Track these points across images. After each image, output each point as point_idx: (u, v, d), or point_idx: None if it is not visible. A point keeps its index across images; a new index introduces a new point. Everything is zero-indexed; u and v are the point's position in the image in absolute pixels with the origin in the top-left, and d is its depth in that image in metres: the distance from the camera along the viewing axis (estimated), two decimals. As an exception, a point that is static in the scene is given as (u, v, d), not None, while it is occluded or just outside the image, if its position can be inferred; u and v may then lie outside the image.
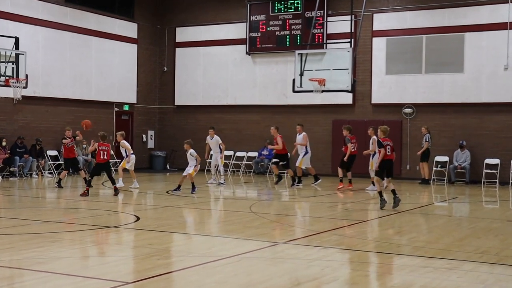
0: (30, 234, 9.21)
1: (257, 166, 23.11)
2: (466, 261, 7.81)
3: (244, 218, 11.56)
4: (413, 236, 9.91)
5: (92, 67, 22.72)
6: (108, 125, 23.50)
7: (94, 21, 22.80)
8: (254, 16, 23.39)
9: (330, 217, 12.38)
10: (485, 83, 20.15)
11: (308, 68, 16.95)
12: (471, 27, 20.30)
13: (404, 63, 21.23)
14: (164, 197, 15.10)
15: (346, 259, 8.14)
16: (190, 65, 24.96)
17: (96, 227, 10.08)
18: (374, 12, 21.59)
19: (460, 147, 20.06)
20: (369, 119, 21.78)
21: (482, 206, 15.03)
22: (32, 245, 8.38)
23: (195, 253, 8.21)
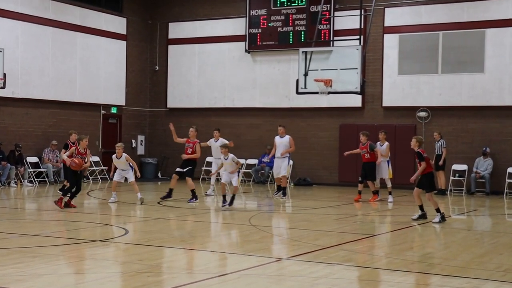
0: (8, 249, 9.22)
1: (257, 174, 23.13)
2: (487, 280, 7.81)
3: (243, 232, 11.56)
4: (428, 252, 9.91)
5: (76, 65, 22.76)
6: (94, 129, 23.53)
7: (79, 15, 22.86)
8: (254, 11, 23.46)
9: (337, 230, 12.39)
10: (508, 84, 20.19)
11: (313, 67, 16.98)
12: (493, 22, 20.36)
13: (418, 62, 21.28)
14: (155, 209, 15.11)
15: (354, 277, 8.15)
16: (184, 64, 25.00)
17: (81, 241, 10.09)
18: (386, 7, 21.66)
19: (483, 154, 20.08)
20: (379, 123, 21.81)
21: (505, 220, 15.03)
22: (10, 260, 8.38)
23: (190, 269, 8.21)
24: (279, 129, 17.90)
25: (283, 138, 17.61)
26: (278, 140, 17.65)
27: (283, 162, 17.44)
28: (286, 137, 17.64)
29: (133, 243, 10.09)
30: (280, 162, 17.46)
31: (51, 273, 7.81)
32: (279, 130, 17.86)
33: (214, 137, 18.06)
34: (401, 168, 21.32)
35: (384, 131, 17.58)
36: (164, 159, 25.21)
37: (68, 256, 8.88)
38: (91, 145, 23.17)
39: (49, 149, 21.40)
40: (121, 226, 11.74)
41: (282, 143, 17.54)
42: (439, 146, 19.85)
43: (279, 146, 17.52)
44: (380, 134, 17.41)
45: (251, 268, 8.24)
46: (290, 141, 17.59)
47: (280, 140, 17.61)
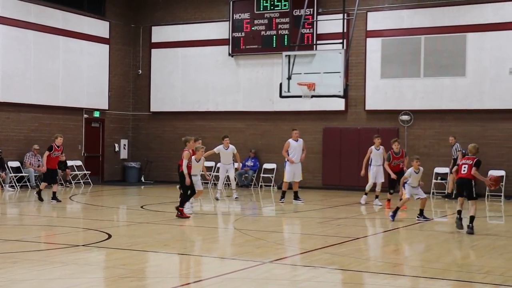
0: (-10, 254, 9.14)
1: (240, 178, 23.13)
2: (468, 282, 7.87)
3: (227, 236, 11.56)
4: (410, 254, 9.98)
5: (59, 69, 22.64)
6: (76, 133, 23.42)
7: (61, 18, 22.75)
8: (237, 15, 23.49)
9: (320, 233, 12.42)
10: (488, 88, 20.38)
11: (297, 71, 16.99)
12: (474, 27, 20.54)
13: (401, 66, 21.41)
14: (138, 213, 15.06)
15: (338, 280, 8.18)
16: (167, 68, 24.97)
17: (63, 246, 10.03)
18: (368, 11, 21.78)
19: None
20: (362, 126, 21.93)
21: (486, 222, 15.14)
22: (-9, 266, 8.32)
23: (173, 274, 8.20)
24: (295, 132, 17.66)
25: (298, 142, 17.54)
26: (294, 144, 17.47)
27: (300, 167, 17.46)
28: (300, 140, 17.64)
29: (116, 247, 10.05)
30: (296, 167, 17.40)
31: (32, 278, 7.76)
32: (295, 134, 17.62)
33: (224, 144, 17.82)
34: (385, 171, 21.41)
35: (379, 136, 17.47)
36: (147, 163, 25.14)
37: (50, 261, 8.83)
38: (73, 149, 23.13)
39: (30, 154, 21.25)
40: (104, 230, 11.69)
41: (299, 147, 17.51)
42: (455, 149, 19.54)
43: (297, 150, 17.42)
44: (376, 139, 17.16)
45: (235, 272, 8.25)
46: (303, 145, 17.68)
47: (296, 144, 17.49)
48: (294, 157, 17.40)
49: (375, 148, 17.09)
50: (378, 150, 17.07)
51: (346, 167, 22.03)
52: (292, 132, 17.85)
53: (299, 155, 17.47)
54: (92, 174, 23.44)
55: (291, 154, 17.41)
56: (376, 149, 17.07)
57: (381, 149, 17.07)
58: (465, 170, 12.59)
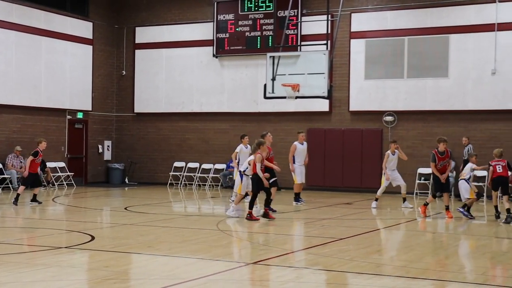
0: (-29, 257, 9.08)
1: (225, 179, 23.13)
2: (451, 281, 7.93)
3: (211, 237, 11.56)
4: (394, 254, 10.04)
5: (41, 70, 22.51)
6: (59, 134, 23.30)
7: (44, 19, 22.62)
8: (221, 16, 23.49)
9: (304, 234, 12.46)
10: (471, 89, 20.54)
11: (281, 72, 17.03)
12: (456, 28, 20.71)
13: (384, 67, 21.52)
14: (122, 214, 15.01)
15: (322, 281, 8.21)
16: (151, 69, 24.91)
17: (46, 248, 9.98)
18: (352, 12, 21.87)
19: None
20: (346, 127, 22.02)
21: (468, 222, 15.25)
22: (-27, 268, 8.26)
23: (157, 275, 8.19)
24: (301, 135, 17.34)
25: (303, 145, 17.36)
26: (300, 146, 17.25)
27: (304, 169, 17.35)
28: (305, 143, 17.46)
29: (100, 249, 10.02)
30: (302, 169, 17.28)
31: (14, 281, 7.72)
32: (301, 136, 17.30)
33: (243, 143, 17.45)
34: (368, 172, 21.55)
35: (395, 141, 17.20)
36: (131, 164, 25.06)
37: (33, 264, 8.78)
38: (56, 150, 23.01)
39: (13, 155, 21.11)
40: (87, 232, 11.64)
41: (305, 150, 17.32)
42: (466, 151, 19.30)
43: (303, 153, 17.23)
44: (392, 144, 16.93)
45: (218, 274, 8.25)
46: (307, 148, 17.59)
47: (302, 147, 17.27)
48: (298, 160, 17.18)
49: (391, 153, 16.84)
50: (394, 155, 16.83)
51: (330, 168, 22.11)
52: (298, 134, 17.45)
53: (304, 158, 17.33)
54: (75, 175, 23.32)
55: (297, 157, 17.15)
56: (392, 154, 16.84)
57: (397, 153, 16.88)
58: (501, 169, 14.47)
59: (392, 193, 20.85)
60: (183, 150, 24.44)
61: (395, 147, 16.90)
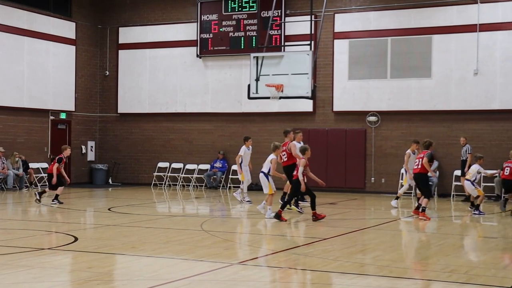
0: (-47, 258, 8.98)
1: (209, 179, 23.10)
2: (434, 280, 7.97)
3: (195, 237, 11.53)
4: (377, 254, 10.06)
5: (24, 70, 22.34)
6: (42, 135, 23.14)
7: (26, 19, 22.45)
8: (205, 16, 23.45)
9: (288, 234, 12.46)
10: (454, 89, 20.66)
11: (265, 72, 17.03)
12: (439, 29, 20.83)
13: (368, 67, 21.60)
14: (105, 215, 14.93)
15: (306, 281, 8.21)
16: (134, 69, 24.81)
17: (28, 249, 9.90)
18: (336, 12, 21.92)
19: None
20: (330, 127, 22.06)
21: (451, 222, 15.35)
22: (-46, 270, 8.17)
23: (140, 276, 8.15)
24: (299, 135, 16.73)
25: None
26: (299, 146, 16.76)
27: None
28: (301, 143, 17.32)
29: (83, 250, 9.96)
30: None
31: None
32: (298, 136, 16.64)
33: (246, 145, 17.48)
34: (352, 172, 21.61)
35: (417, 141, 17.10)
36: (115, 165, 24.94)
37: (15, 265, 8.71)
38: (39, 151, 22.85)
39: (-5, 156, 20.94)
40: (70, 233, 11.57)
41: None
42: (465, 151, 19.14)
43: None
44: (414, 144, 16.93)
45: (202, 274, 8.23)
46: None
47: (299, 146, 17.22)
48: None
49: (411, 152, 16.75)
50: (414, 154, 16.62)
51: (314, 168, 21.94)
52: (295, 134, 16.59)
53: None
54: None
55: None
56: (413, 154, 16.67)
57: (417, 152, 16.69)
58: (508, 172, 15.03)
59: (376, 193, 20.94)
60: (167, 151, 24.36)
61: (416, 147, 16.79)
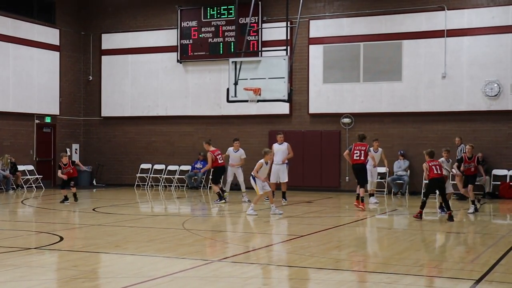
0: None
1: (190, 180, 23.04)
2: (406, 274, 8.03)
3: (177, 236, 11.51)
4: (352, 250, 10.12)
5: (9, 76, 22.11)
6: (28, 138, 22.92)
7: (11, 26, 22.22)
8: (185, 22, 23.40)
9: (267, 232, 12.49)
10: (423, 92, 20.84)
11: (243, 76, 17.02)
12: (408, 34, 21.00)
13: (341, 71, 21.70)
14: (90, 215, 14.84)
15: (284, 276, 8.23)
16: (117, 74, 24.68)
17: (15, 249, 9.81)
18: (311, 19, 22.00)
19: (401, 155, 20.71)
20: (306, 129, 22.14)
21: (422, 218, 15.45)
22: None
23: (124, 274, 8.12)
24: (278, 136, 17.85)
25: (281, 145, 17.62)
26: (277, 147, 17.61)
27: (283, 168, 17.50)
28: (285, 144, 17.67)
29: (68, 249, 9.89)
30: (279, 169, 17.46)
31: (-15, 282, 7.57)
32: (278, 138, 17.81)
33: (234, 147, 17.62)
34: (327, 172, 21.70)
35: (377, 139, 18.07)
36: (99, 166, 24.79)
37: (2, 265, 8.62)
38: (24, 154, 22.63)
39: (-18, 159, 20.71)
40: (56, 233, 11.48)
41: (280, 150, 17.55)
42: (459, 151, 19.04)
43: (278, 153, 17.49)
44: (375, 142, 17.75)
45: (184, 271, 8.22)
46: (288, 148, 17.72)
47: (278, 147, 17.59)
48: (276, 159, 17.46)
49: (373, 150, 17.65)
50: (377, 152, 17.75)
51: (291, 168, 22.07)
52: (276, 136, 18.03)
53: (282, 157, 17.52)
54: (44, 178, 22.97)
55: (275, 156, 17.39)
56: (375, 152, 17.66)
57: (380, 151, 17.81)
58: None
59: (350, 191, 21.05)
60: (149, 153, 24.27)
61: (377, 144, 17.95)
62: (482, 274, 7.98)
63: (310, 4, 21.85)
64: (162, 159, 23.84)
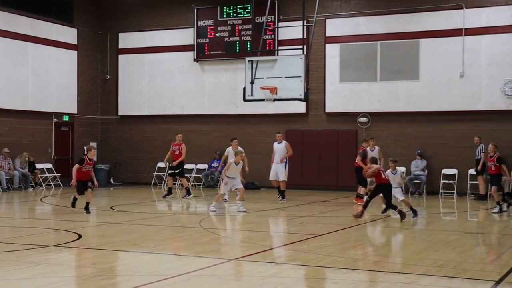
0: (-39, 256, 8.94)
1: (206, 179, 23.07)
2: (424, 275, 7.97)
3: (194, 234, 11.51)
4: (369, 250, 10.06)
5: (28, 75, 22.28)
6: (46, 137, 23.08)
7: (30, 25, 22.39)
8: (201, 21, 23.42)
9: (283, 231, 12.46)
10: (440, 91, 20.68)
11: (259, 75, 17.04)
12: (426, 33, 20.84)
13: (358, 70, 21.61)
14: (107, 213, 14.89)
15: (300, 276, 8.20)
16: (134, 73, 24.77)
17: (34, 247, 9.87)
18: (327, 18, 21.93)
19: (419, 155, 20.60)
20: (323, 128, 22.07)
21: (440, 218, 15.37)
22: (-37, 267, 8.14)
23: (142, 272, 8.13)
24: (277, 135, 18.05)
25: (280, 144, 17.79)
26: (276, 146, 17.83)
27: (281, 167, 17.58)
28: (283, 143, 17.85)
29: (86, 247, 9.93)
30: (277, 167, 17.58)
31: (4, 278, 7.62)
32: (277, 137, 18.02)
33: (232, 146, 17.58)
34: (344, 171, 21.60)
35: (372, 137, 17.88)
36: (116, 165, 24.90)
37: (22, 262, 8.68)
38: (43, 152, 22.80)
39: (1, 157, 20.87)
40: (74, 231, 11.53)
41: (279, 149, 17.71)
42: (479, 150, 18.92)
43: (276, 152, 17.71)
44: (371, 140, 17.55)
45: (201, 270, 8.21)
46: (287, 147, 17.81)
47: (277, 146, 17.80)
48: (275, 158, 17.69)
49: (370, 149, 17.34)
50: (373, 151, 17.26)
51: (307, 168, 22.15)
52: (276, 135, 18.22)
53: (280, 156, 17.63)
54: (62, 176, 23.10)
55: (274, 155, 17.74)
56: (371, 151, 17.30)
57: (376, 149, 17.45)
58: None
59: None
60: (165, 151, 24.16)
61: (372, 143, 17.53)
62: (502, 275, 7.89)
63: (326, 3, 21.78)
64: (179, 157, 23.84)
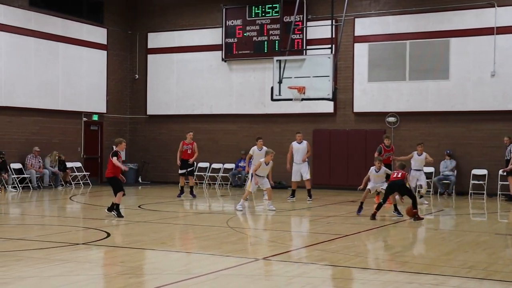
0: (-7, 253, 9.10)
1: (234, 178, 23.12)
2: (453, 276, 7.88)
3: (221, 233, 11.55)
4: (398, 250, 9.99)
5: (58, 74, 22.58)
6: (76, 136, 23.37)
7: (61, 26, 22.68)
8: (230, 21, 23.48)
9: (311, 231, 12.43)
10: (471, 91, 20.44)
11: (287, 75, 17.02)
12: (456, 32, 20.61)
13: (387, 70, 21.45)
14: (136, 212, 15.02)
15: (328, 276, 8.18)
16: (162, 73, 24.94)
17: (64, 244, 10.00)
18: (356, 17, 21.82)
19: (448, 155, 20.36)
20: (351, 128, 21.97)
21: (469, 219, 15.19)
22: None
23: (170, 270, 8.18)
24: (297, 135, 17.98)
25: (301, 144, 17.72)
26: (296, 146, 17.74)
27: (304, 167, 17.56)
28: (304, 142, 17.80)
29: (115, 245, 10.03)
30: (300, 167, 17.55)
31: (34, 275, 7.73)
32: (297, 137, 17.94)
33: (257, 145, 17.55)
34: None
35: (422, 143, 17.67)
36: (144, 164, 25.09)
37: (52, 259, 8.80)
38: (72, 151, 23.09)
39: (31, 156, 21.19)
40: (103, 229, 11.66)
41: (300, 149, 17.65)
42: (509, 151, 18.64)
43: (298, 152, 17.63)
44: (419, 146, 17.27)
45: (229, 269, 8.24)
46: (308, 146, 17.80)
47: (298, 146, 17.72)
48: (297, 158, 17.59)
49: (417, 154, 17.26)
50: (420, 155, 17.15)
51: (335, 167, 22.07)
52: (296, 135, 18.14)
53: (301, 156, 17.58)
54: (91, 175, 23.38)
55: (294, 155, 17.64)
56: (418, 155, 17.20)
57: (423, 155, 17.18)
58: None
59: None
60: (194, 151, 24.39)
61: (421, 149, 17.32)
62: (532, 277, 7.77)
63: (355, 2, 21.67)
64: (207, 157, 23.96)
